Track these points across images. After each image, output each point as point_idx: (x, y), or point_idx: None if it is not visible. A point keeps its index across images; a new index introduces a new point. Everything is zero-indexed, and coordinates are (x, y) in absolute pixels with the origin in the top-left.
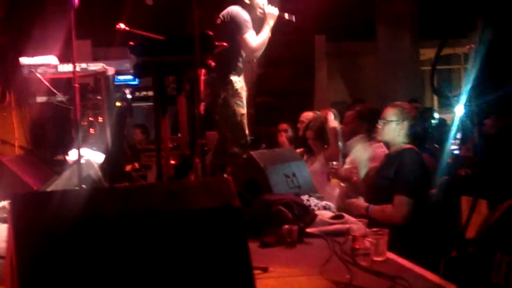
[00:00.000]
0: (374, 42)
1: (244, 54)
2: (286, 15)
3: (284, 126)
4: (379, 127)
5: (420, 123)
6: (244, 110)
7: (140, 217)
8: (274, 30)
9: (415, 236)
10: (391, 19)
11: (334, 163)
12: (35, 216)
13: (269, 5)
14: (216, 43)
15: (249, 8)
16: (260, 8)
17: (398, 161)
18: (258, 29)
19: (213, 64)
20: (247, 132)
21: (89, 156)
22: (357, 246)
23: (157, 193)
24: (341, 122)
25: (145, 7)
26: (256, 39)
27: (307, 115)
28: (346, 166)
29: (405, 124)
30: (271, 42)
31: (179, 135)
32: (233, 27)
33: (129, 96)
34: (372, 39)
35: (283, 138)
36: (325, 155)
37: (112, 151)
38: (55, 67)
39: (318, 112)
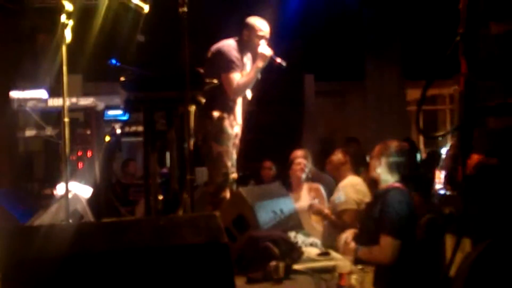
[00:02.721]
0: (362, 82)
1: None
2: (278, 59)
3: (267, 164)
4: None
5: (403, 160)
6: (221, 148)
7: (127, 253)
8: (264, 70)
9: (401, 273)
10: (379, 59)
11: (316, 200)
12: (22, 250)
13: (264, 45)
14: (207, 79)
15: (246, 42)
16: (257, 45)
17: (382, 200)
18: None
19: (203, 100)
20: (225, 170)
21: (76, 191)
22: (343, 284)
23: (145, 229)
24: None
25: (137, 43)
26: (239, 81)
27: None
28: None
29: (383, 160)
30: (261, 80)
31: (163, 169)
32: (219, 64)
33: (118, 131)
34: (360, 78)
35: (267, 175)
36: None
37: (100, 185)
38: (45, 101)
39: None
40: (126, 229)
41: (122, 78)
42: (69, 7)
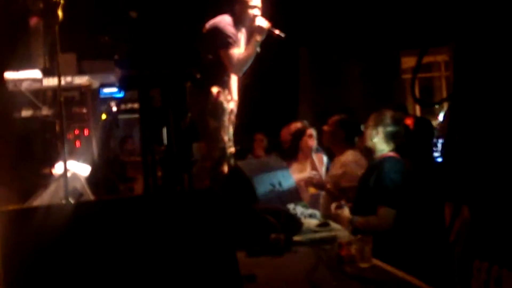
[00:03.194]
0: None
1: (224, 66)
2: (277, 31)
3: (259, 136)
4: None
5: (400, 129)
6: (218, 123)
7: (127, 227)
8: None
9: (400, 242)
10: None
11: (313, 172)
12: (22, 231)
13: (261, 18)
14: (201, 55)
15: (240, 19)
16: (252, 19)
17: (378, 170)
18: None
19: (198, 76)
20: (222, 145)
21: (75, 169)
22: (343, 254)
23: (142, 206)
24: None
25: (130, 20)
26: (239, 56)
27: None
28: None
29: (380, 129)
30: (256, 54)
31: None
32: (217, 41)
33: (114, 108)
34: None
35: (259, 147)
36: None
37: (98, 163)
38: (40, 81)
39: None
40: (125, 205)
41: (116, 56)
42: None
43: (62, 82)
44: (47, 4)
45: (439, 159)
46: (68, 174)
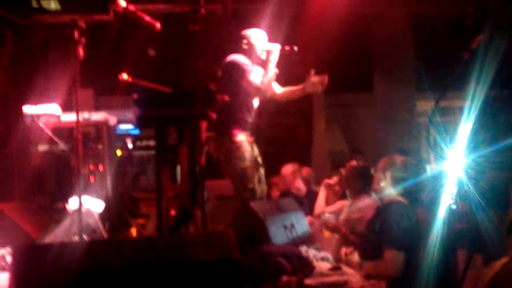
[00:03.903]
0: (372, 94)
1: (250, 106)
2: (287, 47)
3: (275, 179)
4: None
5: (408, 175)
6: (245, 164)
7: (141, 271)
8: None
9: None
10: (388, 71)
11: (326, 215)
12: (36, 269)
13: (269, 43)
14: (218, 96)
15: (249, 52)
16: (260, 48)
17: (384, 214)
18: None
19: (214, 116)
20: (251, 185)
21: (89, 205)
22: None
23: (158, 246)
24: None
25: (148, 58)
26: (261, 79)
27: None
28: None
29: (388, 173)
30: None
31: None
32: (235, 75)
33: (130, 145)
34: (369, 90)
35: (275, 191)
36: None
37: (112, 199)
38: (58, 116)
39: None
40: (138, 246)
41: (135, 95)
42: (82, 25)
43: (80, 118)
44: (67, 39)
45: (454, 206)
46: (82, 210)
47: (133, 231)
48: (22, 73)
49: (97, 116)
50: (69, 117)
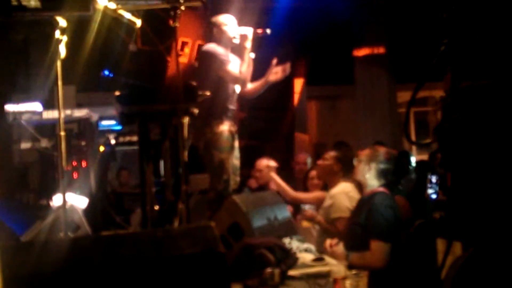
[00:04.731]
0: (352, 86)
1: (230, 95)
2: (259, 30)
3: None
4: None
5: (392, 166)
6: (223, 155)
7: (125, 265)
8: (255, 77)
9: (394, 277)
10: (368, 63)
11: (306, 206)
12: (23, 265)
13: (241, 27)
14: (199, 91)
15: (222, 39)
16: (233, 35)
17: (368, 206)
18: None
19: (196, 112)
20: (226, 177)
21: (72, 201)
22: None
23: (142, 241)
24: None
25: (129, 53)
26: (240, 68)
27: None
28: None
29: (373, 165)
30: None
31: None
32: (213, 65)
33: (113, 141)
34: (350, 83)
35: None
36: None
37: (95, 195)
38: (40, 113)
39: None
40: (123, 241)
41: (116, 93)
42: (62, 23)
43: (62, 115)
44: (47, 37)
45: (433, 196)
46: (66, 206)
47: (117, 227)
48: (3, 71)
49: (79, 112)
50: (51, 114)
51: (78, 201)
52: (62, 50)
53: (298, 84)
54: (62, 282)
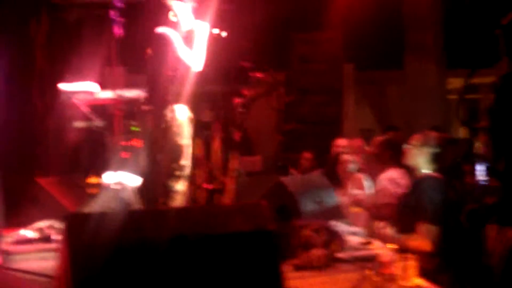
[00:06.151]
0: (401, 71)
1: (184, 82)
2: (214, 31)
3: (307, 155)
4: (406, 151)
5: (443, 151)
6: (183, 140)
7: (176, 240)
8: (304, 60)
9: (443, 262)
10: (419, 49)
11: (355, 191)
12: (87, 235)
13: (196, 20)
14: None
15: (177, 24)
16: (187, 22)
17: (418, 189)
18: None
19: (247, 93)
20: (184, 162)
21: (123, 180)
22: (386, 271)
23: (194, 216)
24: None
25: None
26: (192, 54)
27: (341, 142)
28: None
29: (425, 150)
30: (301, 71)
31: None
32: (165, 49)
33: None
34: (399, 68)
35: (305, 166)
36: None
37: (147, 175)
38: (93, 93)
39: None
40: (176, 217)
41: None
42: (118, 3)
43: (114, 95)
44: (101, 18)
45: (484, 182)
46: (117, 185)
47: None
48: (57, 52)
49: (130, 93)
50: (104, 94)
51: (129, 180)
52: (118, 31)
53: (347, 69)
54: (121, 253)
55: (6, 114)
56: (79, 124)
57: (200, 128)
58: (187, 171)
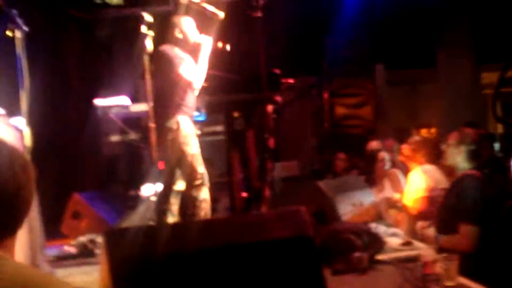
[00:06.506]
0: (434, 69)
1: (187, 93)
2: (220, 44)
3: (341, 155)
4: (443, 150)
5: (481, 148)
6: (194, 151)
7: (220, 251)
8: (335, 62)
9: (486, 260)
10: (451, 45)
11: (391, 192)
12: (127, 249)
13: (202, 35)
14: (283, 79)
15: (182, 40)
16: (192, 38)
17: (457, 188)
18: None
19: (279, 99)
20: (200, 170)
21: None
22: (428, 272)
23: (234, 226)
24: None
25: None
26: (192, 71)
27: (375, 143)
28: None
29: (462, 148)
30: (333, 73)
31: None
32: (165, 66)
33: (197, 132)
34: (431, 65)
35: (340, 167)
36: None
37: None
38: (127, 107)
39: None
40: (216, 227)
41: (204, 84)
42: (148, 18)
43: (147, 108)
44: (131, 32)
45: None
46: (155, 197)
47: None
48: (90, 67)
49: None
50: (138, 107)
51: None
52: (149, 45)
53: (378, 69)
54: (164, 266)
55: (43, 130)
56: (115, 138)
57: (234, 137)
58: (207, 178)
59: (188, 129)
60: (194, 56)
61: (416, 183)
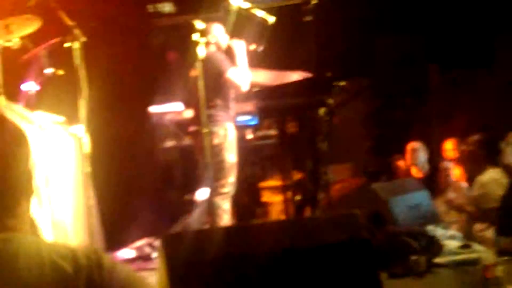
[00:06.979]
0: (490, 69)
1: (230, 100)
2: (251, 46)
3: (398, 157)
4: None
5: None
6: (233, 160)
7: (276, 255)
8: (389, 63)
9: None
10: (509, 44)
11: (452, 194)
12: (185, 253)
13: (232, 39)
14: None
15: (217, 46)
16: (224, 42)
17: None
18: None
19: (330, 101)
20: (231, 180)
21: None
22: (489, 276)
23: (290, 230)
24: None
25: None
26: (240, 73)
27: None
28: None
29: None
30: (387, 74)
31: None
32: (214, 71)
33: (250, 136)
34: (488, 66)
35: (398, 170)
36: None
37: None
38: (181, 113)
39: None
40: (271, 231)
41: (256, 88)
42: (200, 26)
43: (197, 113)
44: (184, 40)
45: None
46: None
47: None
48: (144, 76)
49: None
50: (191, 113)
51: None
52: (201, 52)
53: (432, 70)
54: (220, 269)
55: (100, 137)
56: (169, 143)
57: (286, 140)
58: (233, 189)
59: (233, 137)
60: (231, 61)
61: (491, 192)
